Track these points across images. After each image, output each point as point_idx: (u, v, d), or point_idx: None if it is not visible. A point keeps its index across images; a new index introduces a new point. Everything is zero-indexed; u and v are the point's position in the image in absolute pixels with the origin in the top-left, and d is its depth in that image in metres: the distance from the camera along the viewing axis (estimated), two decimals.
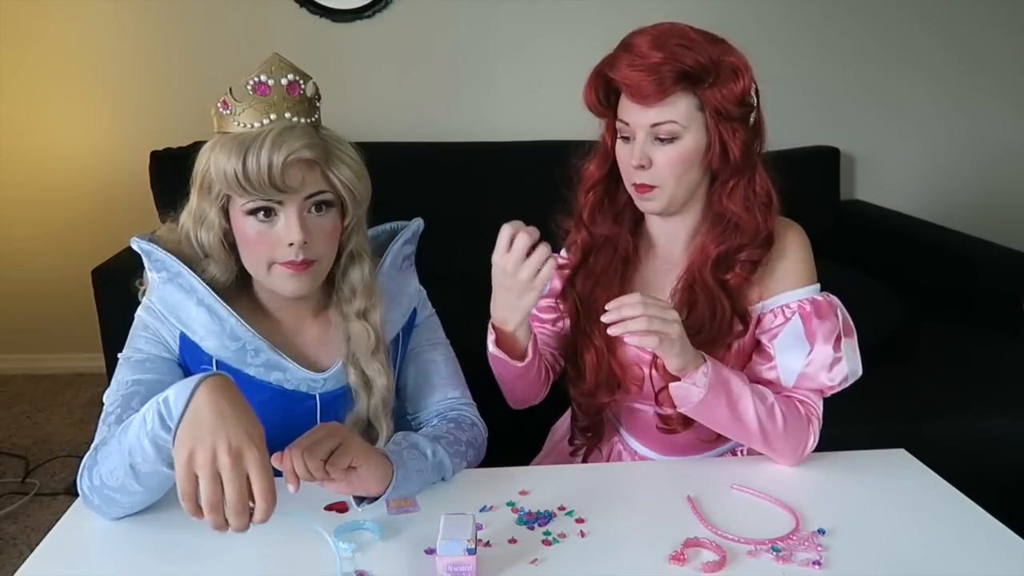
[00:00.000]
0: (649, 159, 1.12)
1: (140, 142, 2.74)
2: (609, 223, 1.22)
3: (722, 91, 1.09)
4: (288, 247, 1.05)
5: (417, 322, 1.25)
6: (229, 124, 1.05)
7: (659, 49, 1.07)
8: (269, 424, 1.14)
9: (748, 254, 1.15)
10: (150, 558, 0.96)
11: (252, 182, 1.01)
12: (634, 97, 1.10)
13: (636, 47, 1.09)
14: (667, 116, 1.10)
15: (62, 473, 2.51)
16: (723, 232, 1.16)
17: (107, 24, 2.97)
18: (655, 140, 1.11)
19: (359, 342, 1.15)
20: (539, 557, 0.94)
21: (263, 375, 1.12)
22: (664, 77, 1.07)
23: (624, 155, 1.15)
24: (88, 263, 2.15)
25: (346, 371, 1.16)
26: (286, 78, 1.05)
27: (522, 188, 2.60)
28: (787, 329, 1.15)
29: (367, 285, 1.16)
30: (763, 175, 1.15)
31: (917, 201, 3.15)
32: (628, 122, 1.12)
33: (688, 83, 1.08)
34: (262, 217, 1.05)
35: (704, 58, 1.08)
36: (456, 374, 1.26)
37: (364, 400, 1.16)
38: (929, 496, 1.08)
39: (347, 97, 2.90)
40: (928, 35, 3.13)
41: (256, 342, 1.11)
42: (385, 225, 1.26)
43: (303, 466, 0.91)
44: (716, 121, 1.11)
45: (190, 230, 1.10)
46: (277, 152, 1.00)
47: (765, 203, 1.15)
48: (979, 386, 2.02)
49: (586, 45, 1.15)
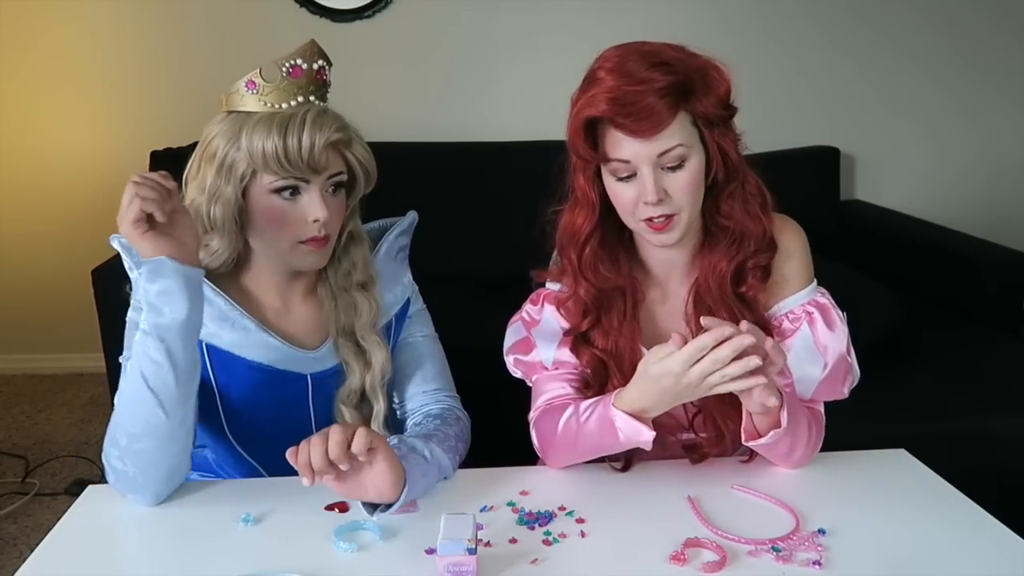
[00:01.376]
0: (664, 191, 1.05)
1: (140, 142, 2.74)
2: (614, 273, 1.15)
3: (709, 98, 1.04)
4: (312, 224, 1.09)
5: (410, 313, 1.27)
6: (251, 103, 1.07)
7: (639, 76, 1.01)
8: (261, 405, 1.15)
9: (756, 260, 1.12)
10: (150, 558, 0.96)
11: (291, 160, 1.05)
12: (637, 133, 1.02)
13: (612, 81, 1.01)
14: (673, 141, 1.03)
15: (62, 473, 2.51)
16: (730, 245, 1.12)
17: (107, 24, 2.97)
18: (662, 170, 1.05)
19: (361, 310, 1.17)
20: (539, 557, 0.94)
21: (253, 356, 1.14)
22: (660, 103, 1.01)
23: (628, 195, 1.07)
24: (88, 263, 2.15)
25: (337, 347, 1.17)
26: (317, 63, 1.10)
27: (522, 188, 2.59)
28: (798, 341, 1.13)
29: (366, 262, 1.20)
30: (753, 174, 1.12)
31: (917, 201, 3.15)
32: (628, 159, 1.04)
33: (681, 100, 1.03)
34: (288, 196, 1.09)
35: (683, 69, 1.03)
36: (443, 367, 1.27)
37: (358, 374, 1.17)
38: (929, 496, 1.08)
39: (347, 97, 2.86)
40: (928, 34, 3.13)
41: (245, 322, 1.13)
42: (374, 223, 1.28)
43: (320, 457, 0.89)
44: (709, 131, 1.06)
45: (201, 206, 1.11)
46: (319, 133, 1.05)
47: (761, 203, 1.12)
48: (979, 386, 2.02)
49: (586, 45, 1.14)
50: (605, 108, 1.02)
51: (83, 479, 2.41)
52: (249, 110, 1.07)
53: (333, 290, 1.19)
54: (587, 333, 1.16)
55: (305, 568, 0.91)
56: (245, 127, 1.06)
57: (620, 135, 1.03)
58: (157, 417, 1.00)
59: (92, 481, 2.34)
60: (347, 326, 1.18)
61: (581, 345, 1.17)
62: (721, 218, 1.12)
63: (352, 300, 1.18)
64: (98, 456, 2.65)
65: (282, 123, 1.05)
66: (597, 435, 1.07)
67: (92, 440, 2.71)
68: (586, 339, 1.16)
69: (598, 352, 1.15)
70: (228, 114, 1.10)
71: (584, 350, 1.16)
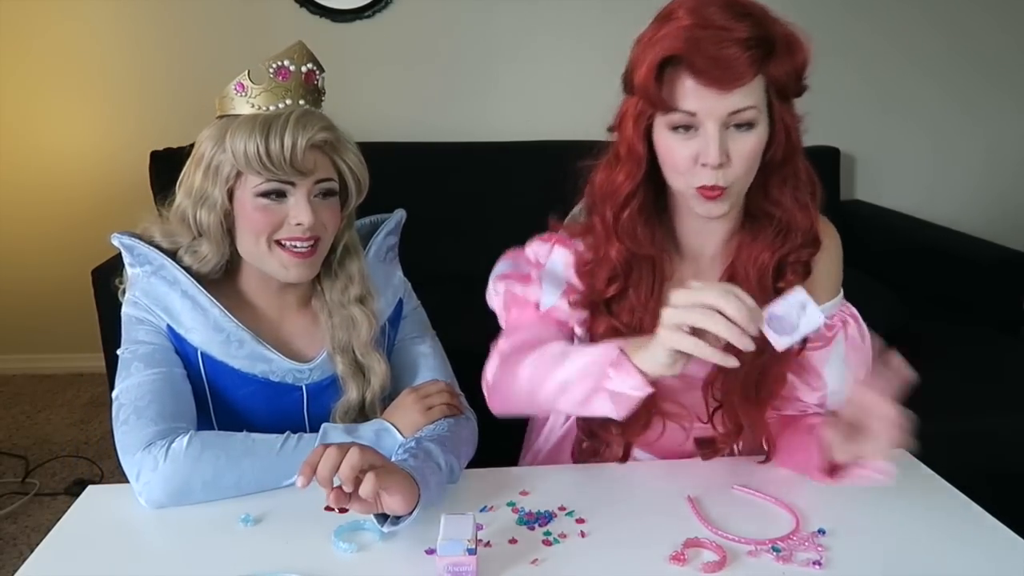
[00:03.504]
0: (727, 155, 0.94)
1: (140, 142, 2.74)
2: (651, 241, 1.05)
3: (788, 65, 0.94)
4: (295, 227, 1.07)
5: (404, 313, 1.26)
6: (240, 106, 1.07)
7: (721, 22, 0.90)
8: (256, 416, 1.15)
9: (798, 255, 1.04)
10: (150, 558, 0.96)
11: (273, 161, 1.04)
12: (713, 83, 0.91)
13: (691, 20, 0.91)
14: (748, 101, 0.93)
15: (62, 473, 2.51)
16: (776, 235, 1.04)
17: (107, 24, 2.97)
18: (728, 129, 0.94)
19: (360, 328, 1.16)
20: (539, 557, 0.94)
21: (248, 367, 1.13)
22: (743, 56, 0.90)
23: (686, 152, 0.96)
24: (88, 263, 2.15)
25: (333, 361, 1.16)
26: (306, 66, 1.09)
27: (521, 188, 2.60)
28: (833, 354, 1.10)
29: (363, 275, 1.18)
30: (806, 161, 1.03)
31: (917, 201, 3.15)
32: (695, 111, 0.93)
33: (762, 59, 0.92)
34: (273, 199, 1.07)
35: (768, 26, 0.92)
36: (444, 365, 1.26)
37: (356, 389, 1.16)
38: (929, 496, 1.08)
39: (346, 97, 2.88)
40: (928, 34, 3.13)
41: (240, 333, 1.12)
42: (364, 219, 1.27)
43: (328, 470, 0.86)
44: (780, 103, 0.96)
45: (187, 209, 1.10)
46: (302, 133, 1.04)
47: (812, 192, 1.04)
48: (979, 386, 2.02)
49: (586, 45, 1.14)
50: (683, 47, 0.90)
51: (83, 479, 2.42)
52: (238, 113, 1.07)
53: (329, 305, 1.17)
54: (610, 302, 1.06)
55: (305, 568, 0.91)
56: (230, 128, 1.06)
57: (692, 83, 0.92)
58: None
59: (92, 481, 2.35)
60: (345, 342, 1.16)
61: (601, 314, 1.07)
62: (768, 204, 1.03)
63: (350, 316, 1.16)
64: (98, 456, 2.65)
65: (265, 123, 1.04)
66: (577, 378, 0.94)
67: (92, 440, 2.71)
68: (608, 308, 1.06)
69: (619, 325, 1.05)
70: (220, 119, 1.09)
71: (602, 319, 1.06)
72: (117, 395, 1.08)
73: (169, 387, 1.08)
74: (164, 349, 1.11)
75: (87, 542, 0.99)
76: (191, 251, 1.12)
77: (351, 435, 1.09)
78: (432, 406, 1.14)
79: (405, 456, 1.02)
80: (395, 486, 0.91)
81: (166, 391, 1.08)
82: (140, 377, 1.08)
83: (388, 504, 0.92)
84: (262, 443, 1.06)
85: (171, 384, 1.09)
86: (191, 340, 1.11)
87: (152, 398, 1.06)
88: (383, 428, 1.12)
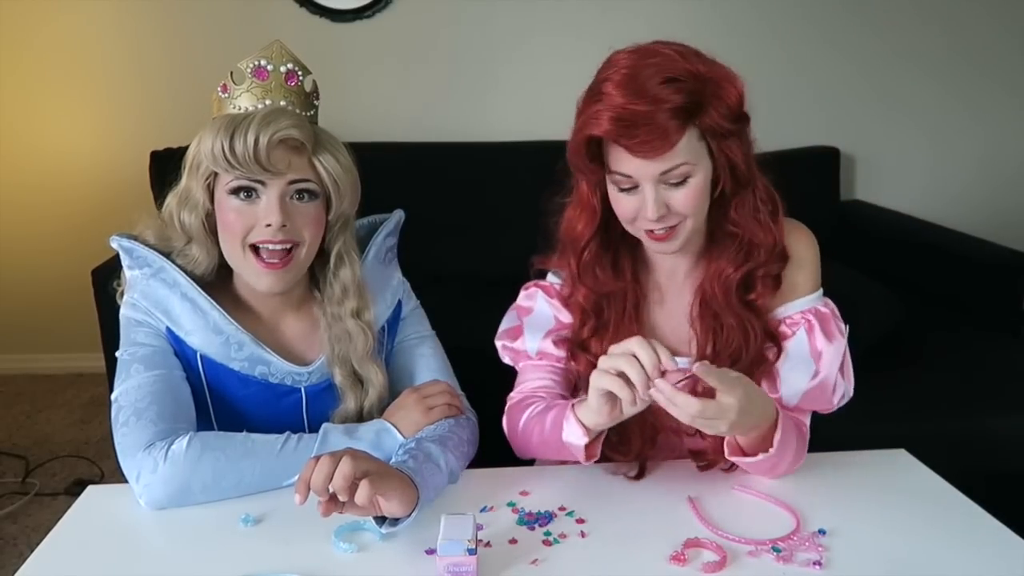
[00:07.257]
0: (665, 206, 1.03)
1: (140, 142, 2.73)
2: (612, 278, 1.13)
3: (718, 111, 1.00)
4: (266, 228, 1.06)
5: (403, 315, 1.26)
6: (226, 107, 1.07)
7: (649, 94, 0.96)
8: (255, 418, 1.15)
9: (767, 269, 1.10)
10: (150, 558, 0.96)
11: (238, 157, 1.02)
12: (641, 155, 0.99)
13: (620, 98, 0.97)
14: (677, 160, 1.00)
15: (62, 473, 2.51)
16: (738, 251, 1.09)
17: (107, 23, 2.97)
18: (665, 185, 1.02)
19: (356, 342, 1.15)
20: (539, 557, 0.94)
21: (247, 369, 1.13)
22: (669, 124, 0.97)
23: (630, 206, 1.05)
24: (88, 263, 2.14)
25: (331, 371, 1.16)
26: (285, 66, 1.07)
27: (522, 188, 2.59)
28: (792, 346, 1.12)
29: (359, 285, 1.16)
30: (763, 180, 1.09)
31: (917, 201, 3.14)
32: (629, 175, 1.02)
33: (686, 118, 0.99)
34: (243, 197, 1.06)
35: (694, 84, 0.98)
36: (445, 365, 1.26)
37: (354, 400, 1.16)
38: (929, 496, 1.08)
39: (346, 97, 2.89)
40: (928, 34, 3.13)
41: (239, 336, 1.12)
42: (363, 220, 1.26)
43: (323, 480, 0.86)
44: (718, 143, 1.02)
45: (173, 210, 1.10)
46: (265, 129, 1.02)
47: (772, 210, 1.10)
48: (979, 386, 2.02)
49: (586, 44, 1.13)
50: (608, 128, 0.98)
51: (83, 479, 2.42)
52: (227, 114, 1.06)
53: (327, 316, 1.17)
54: (586, 342, 1.15)
55: (305, 568, 0.91)
56: (207, 128, 1.06)
57: (623, 151, 1.00)
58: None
59: (92, 481, 2.35)
60: (343, 355, 1.16)
61: (579, 353, 1.15)
62: (728, 224, 1.09)
63: (346, 330, 1.15)
64: (98, 456, 2.65)
65: (233, 121, 1.03)
66: (550, 432, 1.08)
67: (92, 440, 2.71)
68: (584, 347, 1.15)
69: (593, 359, 1.10)
70: (213, 120, 1.09)
71: (581, 357, 1.15)
72: (116, 397, 1.08)
73: (169, 389, 1.08)
74: (163, 351, 1.11)
75: (87, 542, 0.99)
76: (183, 254, 1.12)
77: (351, 435, 1.09)
78: (433, 406, 1.14)
79: (405, 457, 1.02)
80: (392, 490, 0.91)
81: (166, 393, 1.08)
82: (140, 379, 1.08)
83: (386, 508, 0.92)
84: (262, 444, 1.06)
85: (171, 386, 1.09)
86: (190, 342, 1.11)
87: (152, 400, 1.06)
88: (384, 428, 1.12)
